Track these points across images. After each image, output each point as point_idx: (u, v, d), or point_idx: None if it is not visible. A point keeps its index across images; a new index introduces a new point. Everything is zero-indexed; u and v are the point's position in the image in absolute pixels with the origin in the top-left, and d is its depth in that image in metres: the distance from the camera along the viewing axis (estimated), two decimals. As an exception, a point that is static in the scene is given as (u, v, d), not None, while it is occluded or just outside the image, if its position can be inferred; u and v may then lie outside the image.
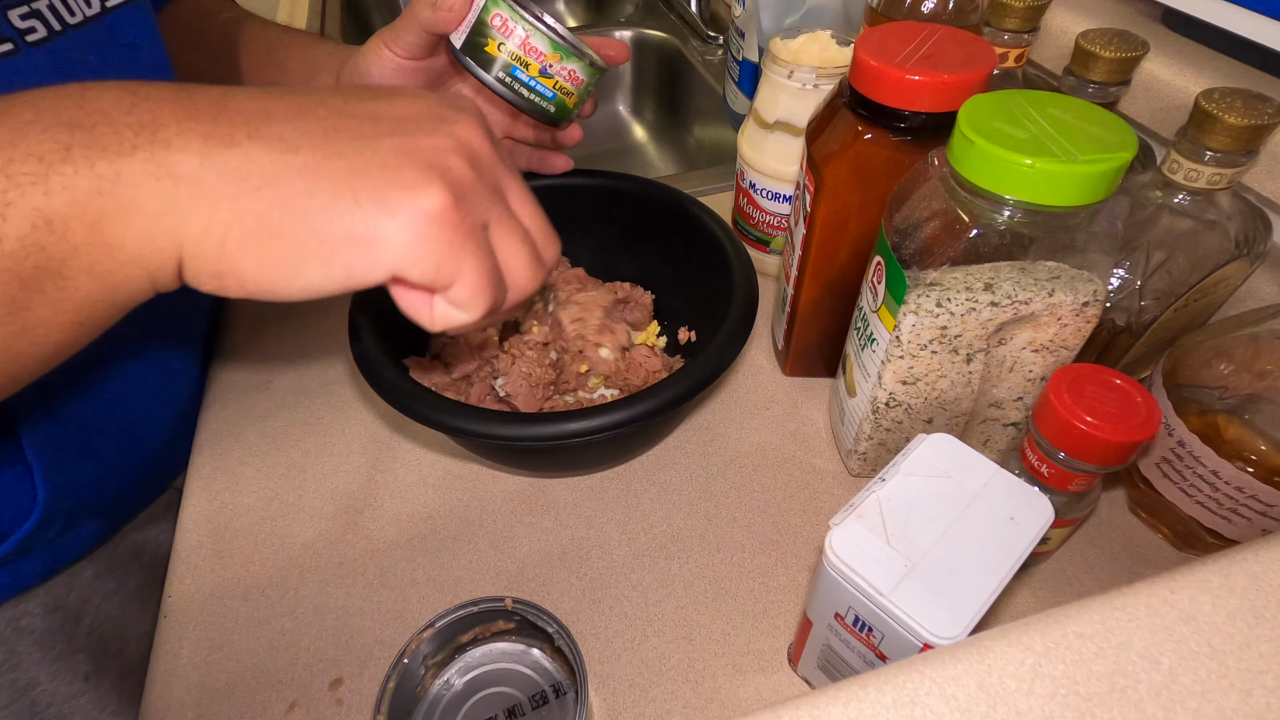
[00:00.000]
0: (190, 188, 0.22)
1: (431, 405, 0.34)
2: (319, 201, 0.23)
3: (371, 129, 0.25)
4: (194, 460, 0.45)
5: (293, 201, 0.23)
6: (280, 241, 0.23)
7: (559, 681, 0.33)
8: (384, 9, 1.11)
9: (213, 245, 0.22)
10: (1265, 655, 0.21)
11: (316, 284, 0.24)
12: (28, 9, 0.33)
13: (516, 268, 0.27)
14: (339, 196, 0.23)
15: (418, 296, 0.26)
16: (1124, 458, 0.30)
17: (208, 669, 0.36)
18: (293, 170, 0.23)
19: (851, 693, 0.21)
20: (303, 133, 0.24)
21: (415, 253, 0.24)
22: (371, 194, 0.23)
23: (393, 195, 0.23)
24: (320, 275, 0.23)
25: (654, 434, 0.42)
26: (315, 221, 0.23)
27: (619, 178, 0.48)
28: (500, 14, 0.37)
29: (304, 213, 0.23)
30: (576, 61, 0.38)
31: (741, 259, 0.42)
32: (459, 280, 0.25)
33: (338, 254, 0.23)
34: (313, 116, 0.24)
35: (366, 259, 0.23)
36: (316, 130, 0.24)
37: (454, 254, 0.24)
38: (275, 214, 0.22)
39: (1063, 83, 0.39)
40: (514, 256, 0.27)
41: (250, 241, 0.23)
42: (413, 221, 0.23)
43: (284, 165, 0.23)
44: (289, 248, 0.23)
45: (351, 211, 0.23)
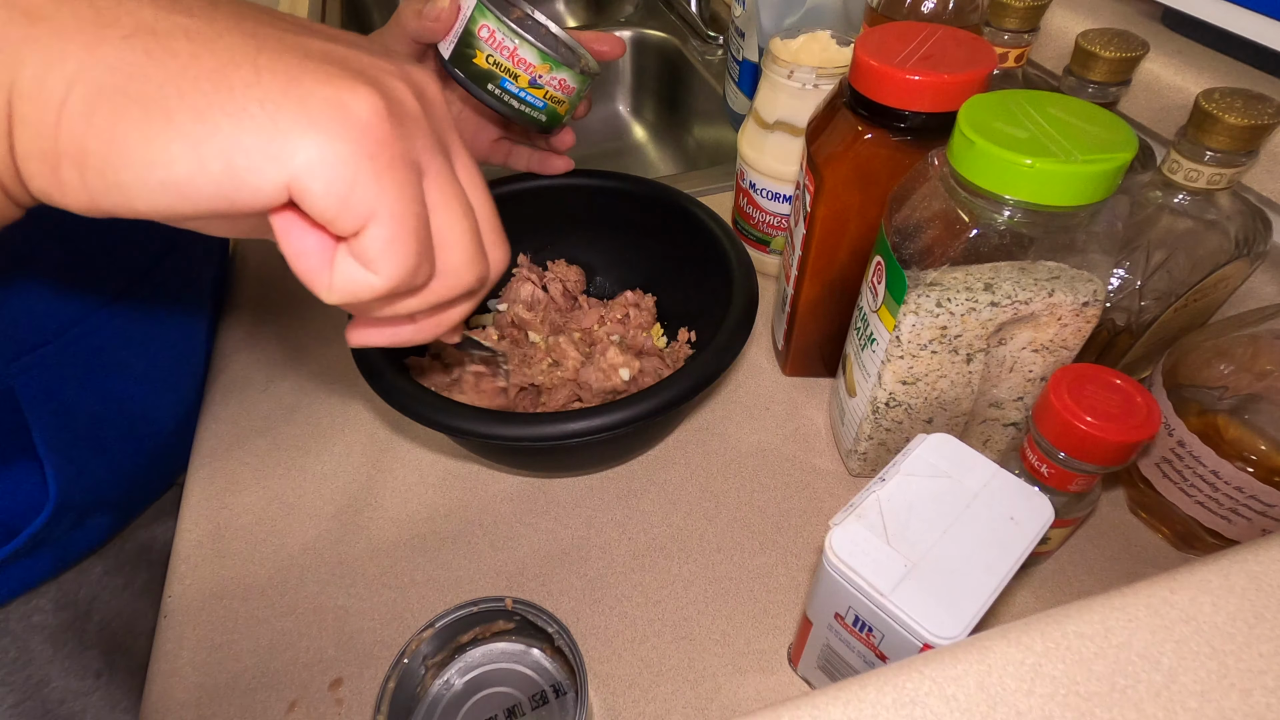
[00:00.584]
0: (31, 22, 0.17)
1: (431, 405, 0.34)
2: (204, 66, 0.17)
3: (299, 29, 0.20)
4: (194, 460, 0.45)
5: (169, 61, 0.17)
6: (140, 108, 0.17)
7: (559, 681, 0.33)
8: (384, 8, 1.11)
9: (50, 104, 0.17)
10: (1265, 655, 0.21)
11: (183, 176, 0.17)
12: None
13: (452, 241, 0.22)
14: (234, 66, 0.18)
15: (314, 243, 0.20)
16: (1124, 458, 0.30)
17: (208, 669, 0.36)
18: (179, 29, 0.18)
19: (851, 693, 0.21)
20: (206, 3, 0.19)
21: (326, 158, 0.18)
22: (279, 74, 0.18)
23: (307, 82, 0.18)
24: (189, 164, 0.17)
25: (654, 434, 0.42)
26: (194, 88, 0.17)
27: (619, 178, 0.48)
28: (488, 25, 0.36)
29: (180, 75, 0.17)
30: (567, 71, 0.38)
31: (741, 259, 0.42)
32: (375, 218, 0.19)
33: (218, 136, 0.17)
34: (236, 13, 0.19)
35: (257, 150, 0.18)
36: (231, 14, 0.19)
37: (375, 178, 0.19)
38: (142, 70, 0.17)
39: (1063, 83, 0.39)
40: (451, 226, 0.21)
41: (100, 104, 0.17)
42: (329, 119, 0.18)
43: (169, 23, 0.18)
44: (151, 118, 0.17)
45: (247, 86, 0.18)
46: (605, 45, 0.42)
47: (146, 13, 0.17)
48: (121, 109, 0.17)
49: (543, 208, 0.48)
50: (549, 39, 0.41)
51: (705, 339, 0.45)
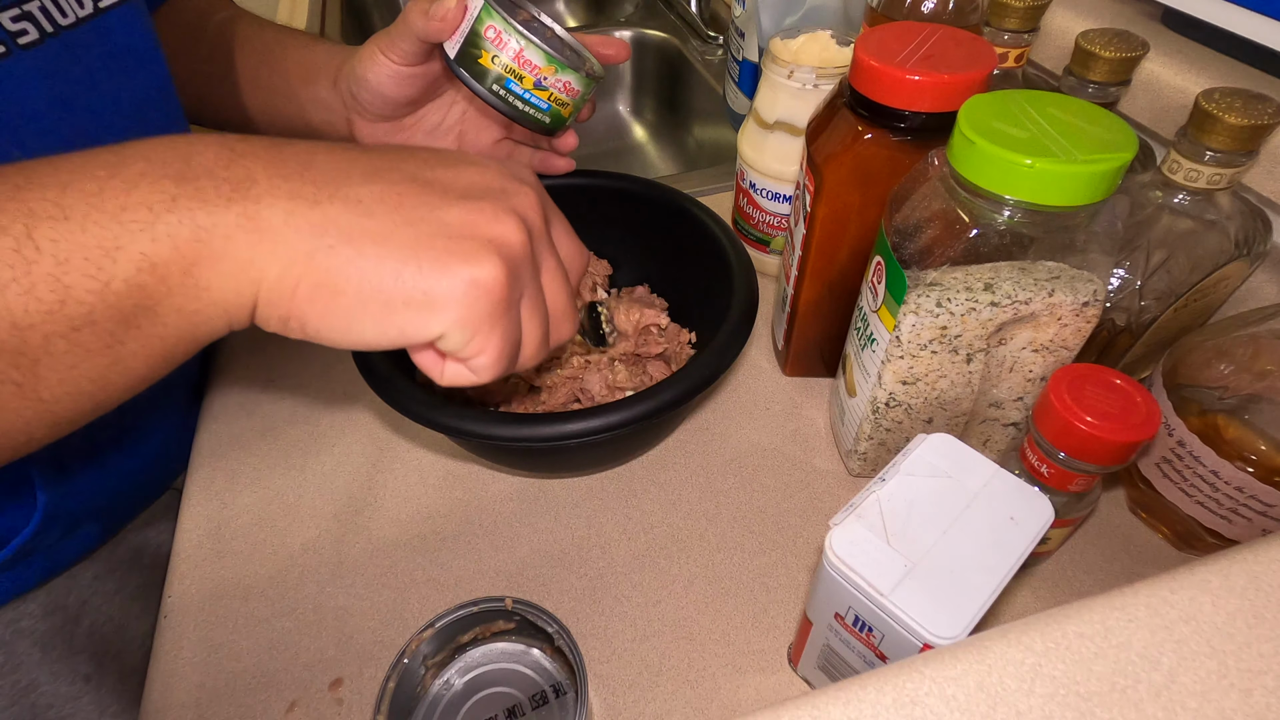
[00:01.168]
0: (274, 241, 0.24)
1: (430, 406, 0.34)
2: (387, 266, 0.24)
3: (439, 199, 0.26)
4: (194, 460, 0.45)
5: (362, 263, 0.24)
6: (344, 298, 0.24)
7: (559, 681, 0.33)
8: (384, 8, 1.11)
9: (285, 293, 0.24)
10: (1265, 655, 0.21)
11: (370, 339, 0.25)
12: (19, 11, 0.33)
13: (528, 345, 0.29)
14: (405, 263, 0.24)
15: (434, 358, 0.27)
16: (1124, 458, 0.30)
17: (208, 669, 0.36)
18: (366, 234, 0.24)
19: (851, 693, 0.21)
20: (377, 197, 0.25)
21: (459, 318, 0.25)
22: (434, 263, 0.25)
23: (453, 265, 0.25)
24: (375, 332, 0.25)
25: (654, 435, 0.42)
26: (380, 283, 0.24)
27: (619, 178, 0.48)
28: (494, 25, 0.36)
29: (370, 275, 0.24)
30: (572, 73, 0.38)
31: (742, 259, 0.42)
32: (485, 351, 0.26)
33: (394, 315, 0.25)
34: (387, 181, 0.26)
35: (419, 321, 0.25)
36: (391, 195, 0.26)
37: (491, 326, 0.26)
38: (344, 272, 0.24)
39: (1063, 83, 0.39)
40: (530, 334, 0.28)
41: (318, 294, 0.24)
42: (467, 291, 0.25)
43: (358, 229, 0.24)
44: (352, 304, 0.24)
45: (415, 278, 0.24)
46: (611, 49, 0.42)
47: (343, 222, 0.24)
48: (331, 299, 0.24)
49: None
50: (555, 41, 0.40)
51: (705, 339, 0.45)
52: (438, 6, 0.37)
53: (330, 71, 0.45)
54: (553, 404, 0.44)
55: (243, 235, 0.23)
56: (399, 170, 0.27)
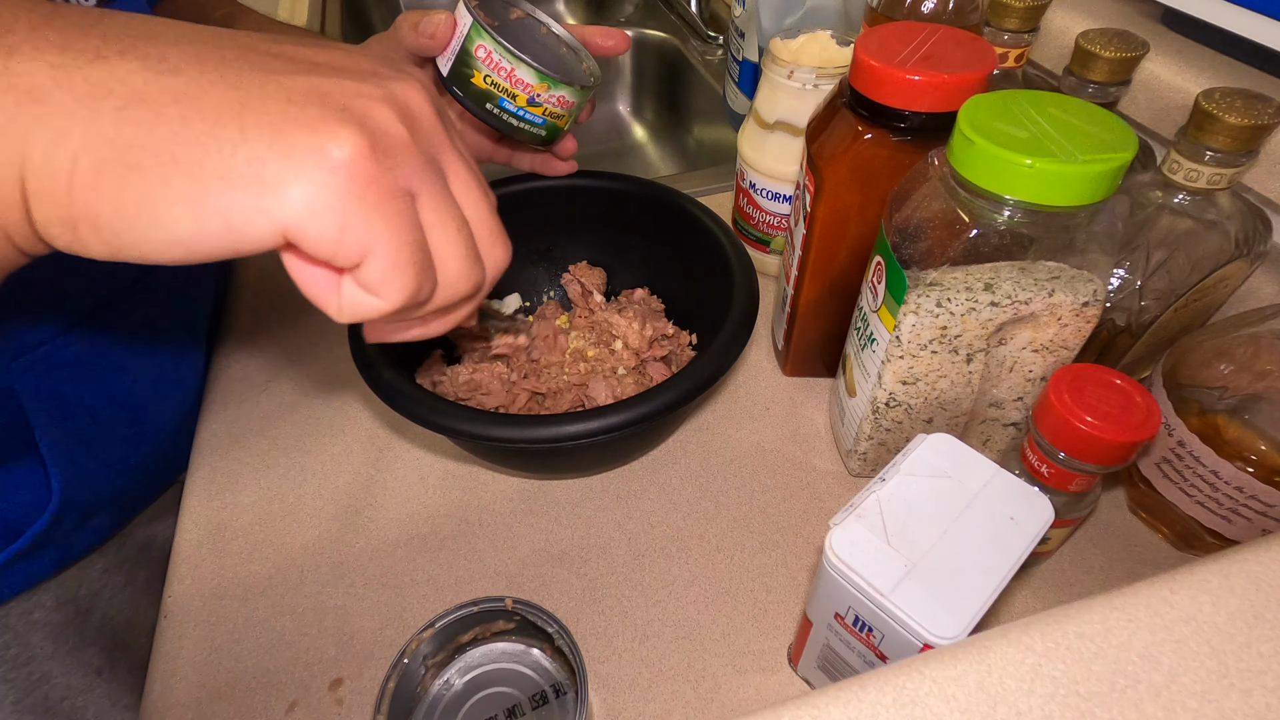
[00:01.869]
0: (34, 103, 0.18)
1: (429, 407, 0.34)
2: (195, 129, 0.19)
3: (282, 66, 0.21)
4: (194, 460, 0.45)
5: (160, 128, 0.19)
6: (140, 175, 0.19)
7: (559, 681, 0.33)
8: (384, 8, 1.11)
9: (60, 179, 0.19)
10: (1265, 655, 0.21)
11: (186, 235, 0.19)
12: None
13: (448, 257, 0.23)
14: (221, 125, 0.19)
15: (319, 274, 0.22)
16: (1124, 458, 0.30)
17: (208, 669, 0.36)
18: (168, 93, 0.19)
19: (851, 693, 0.21)
20: (192, 57, 0.20)
21: (313, 205, 0.19)
22: (264, 128, 0.19)
23: (290, 131, 0.19)
24: (190, 224, 0.19)
25: (654, 436, 0.42)
26: (186, 153, 0.19)
27: (619, 179, 0.48)
28: (484, 45, 0.36)
29: (172, 141, 0.19)
30: (565, 88, 0.38)
31: (742, 260, 0.42)
32: (371, 252, 0.20)
33: (211, 196, 0.19)
34: (210, 45, 0.20)
35: (249, 207, 0.19)
36: (210, 57, 0.20)
37: (365, 216, 0.20)
38: (137, 141, 0.19)
39: (1063, 83, 0.39)
40: (447, 242, 0.23)
41: (105, 174, 0.19)
42: (315, 166, 0.19)
43: (158, 87, 0.19)
44: (151, 184, 0.19)
45: (234, 145, 0.19)
46: (610, 40, 0.41)
47: (136, 79, 0.19)
48: (123, 178, 0.19)
49: (545, 209, 0.48)
50: (547, 51, 0.40)
51: (705, 340, 0.45)
52: (427, 23, 0.36)
53: None
54: (556, 410, 0.44)
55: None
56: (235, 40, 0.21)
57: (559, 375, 0.45)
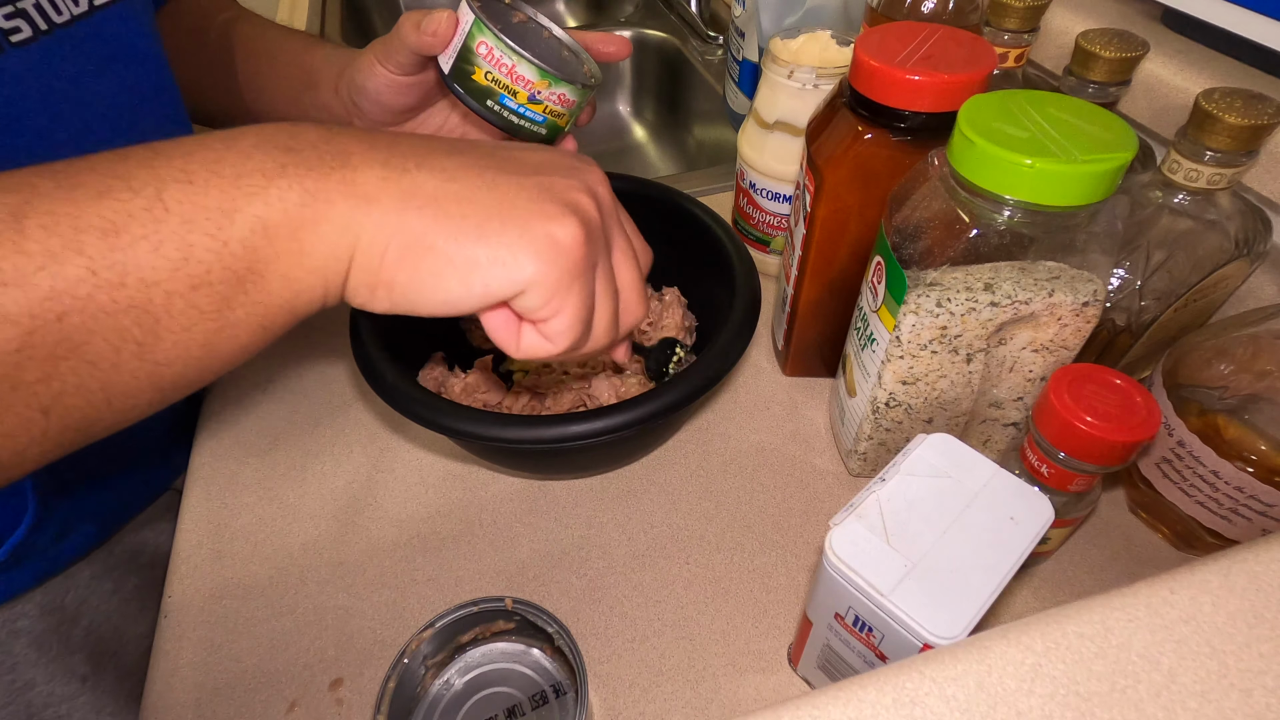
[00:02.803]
0: (369, 204, 0.25)
1: (431, 407, 0.34)
2: (472, 224, 0.26)
3: (516, 168, 0.28)
4: (194, 460, 0.45)
5: (449, 222, 0.26)
6: (432, 256, 0.26)
7: (559, 681, 0.33)
8: (384, 9, 1.11)
9: (376, 255, 0.25)
10: (1265, 655, 0.21)
11: (455, 298, 0.26)
12: (13, 9, 0.33)
13: (600, 320, 0.30)
14: (489, 220, 0.26)
15: (506, 319, 0.28)
16: (1124, 458, 0.30)
17: (208, 669, 0.36)
18: (451, 196, 0.26)
19: (851, 693, 0.21)
20: (460, 166, 0.27)
21: (540, 274, 0.26)
22: (516, 220, 0.26)
23: (534, 222, 0.26)
24: (460, 290, 0.26)
25: (656, 437, 0.42)
26: (465, 239, 0.26)
27: (620, 179, 0.48)
28: (486, 42, 0.36)
29: (456, 232, 0.26)
30: (566, 85, 0.38)
31: (744, 259, 0.42)
32: (562, 312, 0.27)
33: (479, 271, 0.26)
34: (468, 156, 0.28)
35: (504, 278, 0.26)
36: (472, 165, 0.27)
37: (568, 285, 0.27)
38: (432, 231, 0.25)
39: (1063, 83, 0.39)
40: (602, 308, 0.29)
41: (407, 254, 0.26)
42: (547, 247, 0.26)
43: (444, 191, 0.26)
44: (438, 262, 0.26)
45: (498, 234, 0.26)
46: (611, 47, 0.42)
47: (430, 186, 0.26)
48: (420, 257, 0.26)
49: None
50: (551, 44, 0.40)
51: (707, 340, 0.45)
52: (429, 21, 0.37)
53: (331, 77, 0.45)
54: (557, 409, 0.44)
55: (342, 200, 0.25)
56: (477, 149, 0.29)
57: (558, 375, 0.45)
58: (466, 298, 0.26)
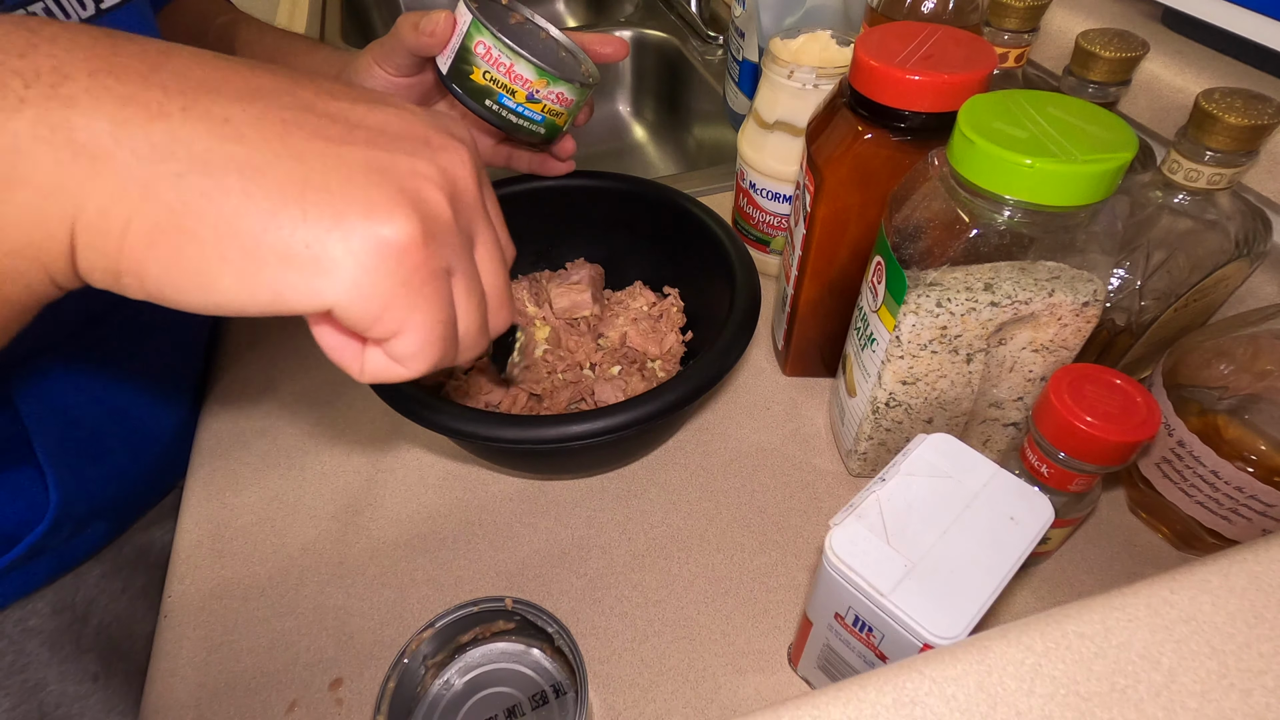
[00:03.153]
0: (92, 161, 0.18)
1: (431, 407, 0.34)
2: (256, 207, 0.19)
3: (341, 133, 0.21)
4: (194, 460, 0.45)
5: (223, 200, 0.18)
6: (196, 246, 0.19)
7: (559, 681, 0.33)
8: (384, 9, 1.11)
9: (112, 236, 0.18)
10: (1265, 655, 0.21)
11: (233, 303, 0.20)
12: (24, 13, 0.33)
13: (466, 330, 0.24)
14: (284, 204, 0.19)
15: (345, 341, 0.23)
16: (1124, 458, 0.30)
17: (208, 669, 0.36)
18: (232, 162, 0.19)
19: (851, 693, 0.21)
20: (254, 118, 0.19)
21: (362, 289, 0.20)
22: (325, 208, 0.19)
23: (350, 215, 0.19)
24: (240, 293, 0.19)
25: (656, 437, 0.42)
26: (246, 229, 0.19)
27: (619, 179, 0.48)
28: (484, 41, 0.36)
29: (233, 217, 0.19)
30: (564, 84, 0.38)
31: (743, 259, 0.42)
32: (406, 331, 0.21)
33: (265, 271, 0.19)
34: (272, 103, 0.20)
35: (301, 285, 0.19)
36: (273, 120, 0.20)
37: (408, 299, 0.21)
38: (196, 211, 0.18)
39: (1063, 83, 0.39)
40: (468, 318, 0.24)
41: (159, 238, 0.18)
42: (369, 251, 0.19)
43: (222, 155, 0.19)
44: (206, 255, 0.19)
45: (295, 226, 0.19)
46: (609, 48, 0.42)
47: (199, 145, 0.18)
48: (178, 245, 0.18)
49: (544, 209, 0.48)
50: (549, 45, 0.40)
51: (707, 340, 0.45)
52: (427, 21, 0.37)
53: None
54: (555, 407, 0.44)
55: (44, 151, 0.17)
56: (293, 94, 0.21)
57: (552, 374, 0.45)
58: (249, 303, 0.19)
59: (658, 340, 0.47)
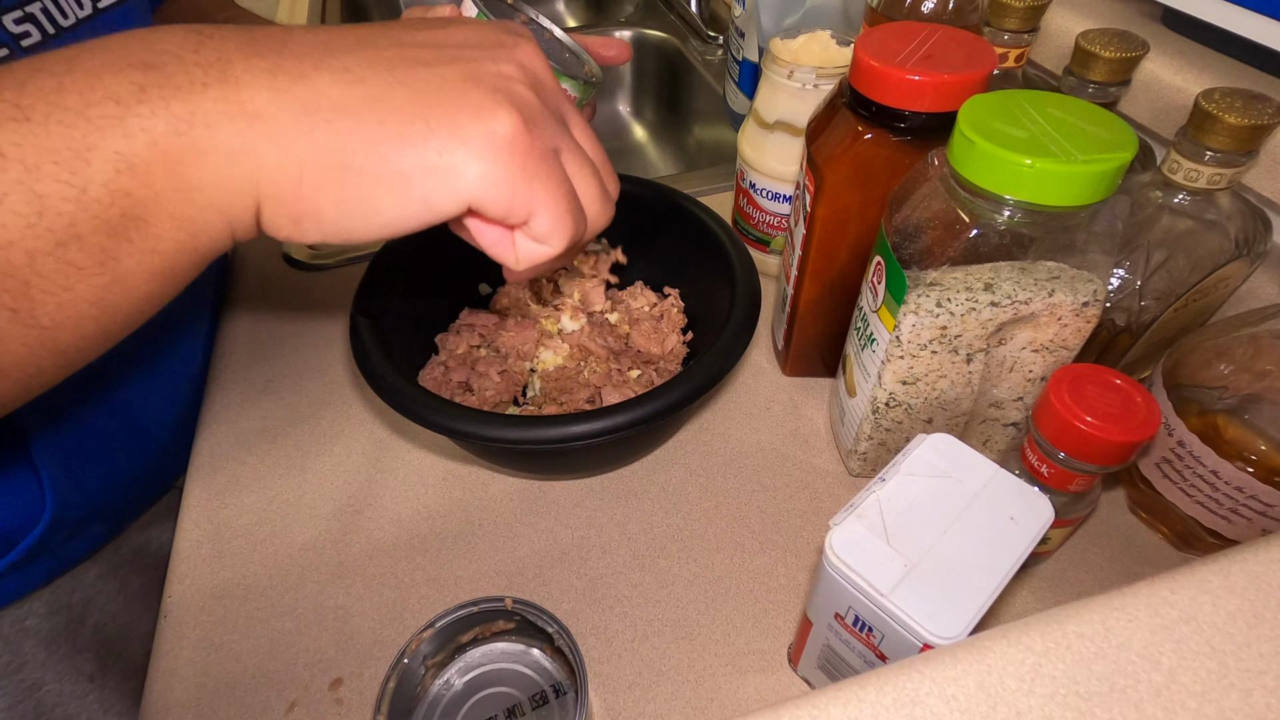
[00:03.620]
0: (264, 124, 0.21)
1: (431, 407, 0.34)
2: (391, 130, 0.22)
3: (434, 56, 0.24)
4: (194, 460, 0.45)
5: (365, 132, 0.22)
6: (356, 175, 0.22)
7: (559, 681, 0.33)
8: (384, 9, 1.11)
9: (290, 184, 0.22)
10: (1265, 655, 0.21)
11: (395, 218, 0.23)
12: (21, 13, 0.33)
13: (590, 198, 0.27)
14: (410, 123, 0.22)
15: (498, 233, 0.26)
16: (1124, 458, 0.30)
17: (208, 669, 0.36)
18: (361, 101, 0.22)
19: (851, 693, 0.21)
20: (367, 63, 0.23)
21: (491, 178, 0.23)
22: (443, 120, 0.23)
23: (464, 121, 0.23)
24: (398, 209, 0.23)
25: (656, 437, 0.42)
26: (389, 152, 0.22)
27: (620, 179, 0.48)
28: None
29: (377, 143, 0.22)
30: (568, 80, 0.38)
31: (744, 260, 0.42)
32: (537, 210, 0.24)
33: (413, 185, 0.23)
34: (374, 47, 0.24)
35: (442, 188, 0.23)
36: (380, 60, 0.23)
37: (529, 180, 0.24)
38: (349, 146, 0.22)
39: (1063, 83, 0.39)
40: (587, 186, 0.26)
41: (327, 177, 0.22)
42: (486, 146, 0.23)
43: (352, 96, 0.22)
44: (365, 181, 0.22)
45: (425, 139, 0.22)
46: (612, 51, 0.42)
47: (335, 92, 0.22)
48: (342, 179, 0.22)
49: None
50: (549, 47, 0.40)
51: (707, 341, 0.45)
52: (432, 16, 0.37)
53: None
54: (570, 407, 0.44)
55: (227, 122, 0.21)
56: (385, 37, 0.25)
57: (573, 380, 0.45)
58: (407, 217, 0.23)
59: (660, 341, 0.47)
